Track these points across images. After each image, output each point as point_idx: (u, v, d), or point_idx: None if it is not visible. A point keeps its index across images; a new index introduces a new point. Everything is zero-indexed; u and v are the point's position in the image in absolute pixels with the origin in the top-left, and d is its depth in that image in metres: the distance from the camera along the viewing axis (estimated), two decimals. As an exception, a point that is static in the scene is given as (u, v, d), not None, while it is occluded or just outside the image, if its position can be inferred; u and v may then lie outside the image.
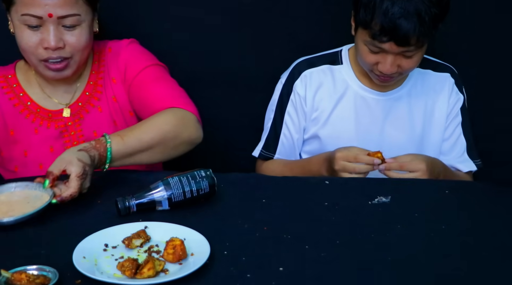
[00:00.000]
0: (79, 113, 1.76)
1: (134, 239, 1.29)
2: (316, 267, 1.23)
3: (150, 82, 1.74)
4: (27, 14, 1.58)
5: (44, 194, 1.40)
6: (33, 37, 1.61)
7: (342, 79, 1.90)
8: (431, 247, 1.31)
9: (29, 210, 1.34)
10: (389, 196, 1.51)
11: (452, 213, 1.47)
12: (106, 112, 1.78)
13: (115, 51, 1.80)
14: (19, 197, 1.42)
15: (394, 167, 1.69)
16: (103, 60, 1.80)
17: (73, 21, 1.62)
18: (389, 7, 1.64)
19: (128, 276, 1.18)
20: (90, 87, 1.78)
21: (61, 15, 1.59)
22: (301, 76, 1.91)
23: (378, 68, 1.76)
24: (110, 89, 1.79)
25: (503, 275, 1.22)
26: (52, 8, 1.58)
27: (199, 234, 1.31)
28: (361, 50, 1.77)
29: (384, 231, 1.37)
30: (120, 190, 1.56)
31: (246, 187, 1.58)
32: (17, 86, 1.75)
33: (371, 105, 1.90)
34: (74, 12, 1.61)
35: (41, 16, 1.58)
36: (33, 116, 1.74)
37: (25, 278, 1.14)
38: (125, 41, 1.82)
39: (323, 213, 1.45)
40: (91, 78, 1.78)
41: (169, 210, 1.45)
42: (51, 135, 1.75)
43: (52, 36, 1.60)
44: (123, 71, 1.77)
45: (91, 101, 1.77)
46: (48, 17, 1.58)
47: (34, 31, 1.61)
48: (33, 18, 1.58)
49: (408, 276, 1.21)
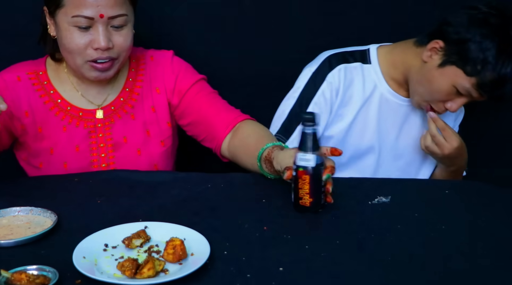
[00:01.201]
0: (111, 117, 1.77)
1: (134, 239, 1.29)
2: (316, 267, 1.23)
3: (206, 94, 1.82)
4: (78, 15, 1.60)
5: (47, 220, 1.39)
6: (83, 38, 1.62)
7: (371, 79, 1.90)
8: (431, 247, 1.31)
9: (28, 235, 1.32)
10: (389, 196, 1.51)
11: (452, 213, 1.47)
12: (139, 121, 1.79)
13: (159, 61, 1.82)
14: (21, 221, 1.40)
15: (440, 124, 1.77)
16: (142, 69, 1.81)
17: (121, 21, 1.64)
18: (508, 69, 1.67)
19: (128, 276, 1.18)
20: (125, 93, 1.79)
21: (112, 15, 1.61)
22: (336, 68, 1.88)
23: (446, 106, 1.79)
24: (150, 98, 1.80)
25: (503, 275, 1.22)
26: (104, 8, 1.60)
27: (199, 234, 1.31)
28: (442, 85, 1.76)
29: (384, 231, 1.37)
30: (121, 190, 1.56)
31: (246, 187, 1.58)
32: (47, 83, 1.75)
33: (394, 109, 1.91)
34: (123, 12, 1.63)
35: (92, 17, 1.60)
36: (62, 114, 1.75)
37: (25, 278, 1.14)
38: (168, 52, 1.84)
39: (323, 213, 1.45)
40: (127, 84, 1.80)
41: (169, 210, 1.45)
42: (79, 135, 1.75)
43: (102, 36, 1.61)
44: (172, 82, 1.80)
45: (124, 107, 1.78)
46: (99, 17, 1.60)
47: (83, 32, 1.62)
48: (84, 19, 1.60)
49: (408, 276, 1.21)
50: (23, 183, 1.63)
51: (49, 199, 1.49)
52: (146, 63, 1.82)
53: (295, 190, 1.43)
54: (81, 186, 1.58)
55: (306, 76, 1.91)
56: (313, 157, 1.40)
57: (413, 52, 1.84)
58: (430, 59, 1.78)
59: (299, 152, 1.41)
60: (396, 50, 1.91)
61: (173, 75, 1.80)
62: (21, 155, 1.80)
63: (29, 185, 1.61)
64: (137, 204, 1.49)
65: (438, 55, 1.76)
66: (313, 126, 1.40)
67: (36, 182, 1.63)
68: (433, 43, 1.77)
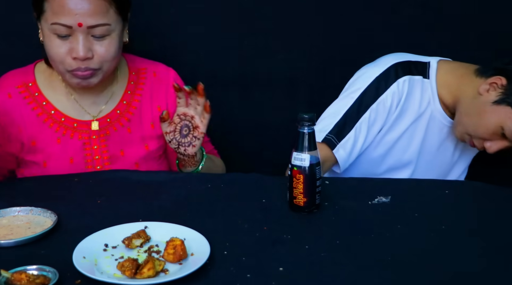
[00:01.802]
0: (106, 129, 1.73)
1: (134, 239, 1.29)
2: (316, 267, 1.23)
3: None
4: (56, 23, 1.55)
5: (47, 220, 1.39)
6: (62, 46, 1.58)
7: (427, 96, 1.87)
8: (431, 247, 1.31)
9: (28, 235, 1.32)
10: (389, 196, 1.51)
11: (452, 213, 1.47)
12: (136, 135, 1.76)
13: (162, 78, 1.79)
14: (21, 221, 1.40)
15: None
16: (142, 83, 1.78)
17: (103, 31, 1.58)
18: None
19: (128, 276, 1.18)
20: (122, 106, 1.75)
21: (91, 24, 1.56)
22: (401, 78, 1.83)
23: (485, 144, 1.77)
24: (149, 114, 1.77)
25: (503, 275, 1.22)
26: (82, 17, 1.55)
27: (199, 234, 1.31)
28: (490, 123, 1.74)
29: (384, 231, 1.37)
30: (121, 190, 1.56)
31: (246, 187, 1.58)
32: (39, 94, 1.71)
33: (439, 128, 1.90)
34: (104, 22, 1.57)
35: (70, 25, 1.55)
36: (57, 126, 1.70)
37: (25, 278, 1.14)
38: (170, 70, 1.81)
39: (323, 213, 1.45)
40: (125, 97, 1.76)
41: (169, 210, 1.45)
42: (73, 146, 1.71)
43: (81, 46, 1.56)
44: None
45: (120, 120, 1.75)
46: (78, 26, 1.55)
47: (63, 40, 1.57)
48: (63, 27, 1.55)
49: (408, 276, 1.21)
50: (23, 183, 1.63)
51: (49, 199, 1.49)
52: (147, 78, 1.78)
53: (290, 189, 1.43)
54: (81, 186, 1.58)
55: (368, 79, 1.85)
56: (308, 157, 1.40)
57: (471, 80, 1.79)
58: (487, 93, 1.73)
59: (294, 151, 1.41)
60: (455, 72, 1.85)
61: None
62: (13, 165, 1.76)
63: (29, 185, 1.61)
64: (137, 204, 1.49)
65: (496, 92, 1.72)
66: (310, 126, 1.40)
67: (36, 182, 1.63)
68: (496, 79, 1.72)
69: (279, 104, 2.19)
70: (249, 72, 2.17)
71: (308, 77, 2.18)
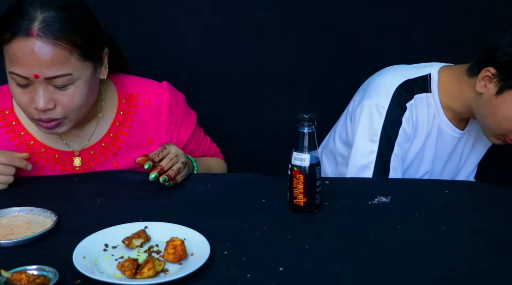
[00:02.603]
0: (90, 161, 1.64)
1: (134, 239, 1.29)
2: (316, 267, 1.23)
3: (198, 145, 1.80)
4: (13, 73, 1.44)
5: (48, 220, 1.38)
6: (23, 95, 1.46)
7: (433, 111, 1.82)
8: (431, 247, 1.31)
9: (28, 235, 1.32)
10: (389, 196, 1.51)
11: (452, 213, 1.47)
12: (123, 168, 1.66)
13: (155, 107, 1.66)
14: (21, 221, 1.39)
15: None
16: (132, 112, 1.65)
17: (64, 82, 1.44)
18: None
19: (128, 276, 1.18)
20: (108, 139, 1.64)
21: (49, 76, 1.42)
22: (408, 103, 1.78)
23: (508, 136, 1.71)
24: (139, 148, 1.66)
25: (503, 275, 1.22)
26: (38, 68, 1.41)
27: (199, 234, 1.31)
28: (506, 113, 1.68)
29: (384, 231, 1.37)
30: (121, 190, 1.56)
31: (246, 187, 1.58)
32: (16, 123, 1.61)
33: (448, 141, 1.87)
34: (64, 72, 1.43)
35: (26, 76, 1.42)
36: (36, 157, 1.61)
37: (25, 278, 1.14)
38: (164, 93, 1.67)
39: (323, 213, 1.45)
40: (112, 129, 1.64)
41: (169, 210, 1.45)
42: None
43: (40, 97, 1.44)
44: (170, 135, 1.69)
45: (106, 154, 1.64)
46: (34, 78, 1.42)
47: (23, 89, 1.46)
48: (20, 77, 1.43)
49: (408, 276, 1.21)
50: (23, 183, 1.63)
51: (49, 199, 1.49)
52: (138, 107, 1.65)
53: (290, 189, 1.43)
54: (81, 186, 1.58)
55: (381, 116, 1.77)
56: (308, 157, 1.40)
57: (467, 83, 1.75)
58: (485, 89, 1.69)
59: (294, 151, 1.41)
60: (454, 79, 1.80)
61: (171, 127, 1.69)
62: None
63: (29, 185, 1.61)
64: (137, 204, 1.49)
65: (492, 83, 1.67)
66: (310, 126, 1.40)
67: (36, 182, 1.62)
68: (484, 72, 1.68)
69: (279, 104, 2.19)
70: (249, 72, 2.17)
71: (308, 77, 2.18)
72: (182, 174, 1.56)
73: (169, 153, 1.54)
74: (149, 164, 1.49)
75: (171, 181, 1.51)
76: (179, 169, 1.54)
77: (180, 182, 1.56)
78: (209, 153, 1.86)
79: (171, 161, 1.52)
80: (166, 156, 1.53)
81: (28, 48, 1.41)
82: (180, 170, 1.54)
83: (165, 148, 1.54)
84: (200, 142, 1.82)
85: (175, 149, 1.56)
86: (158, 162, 1.51)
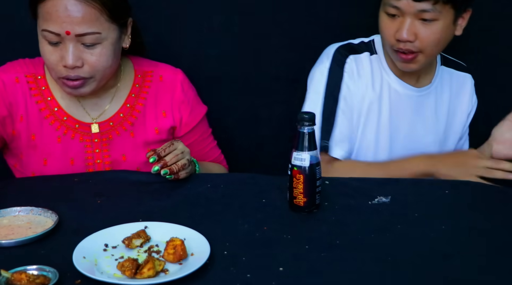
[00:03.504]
0: (109, 133, 1.71)
1: (134, 239, 1.29)
2: (316, 267, 1.23)
3: (204, 139, 1.84)
4: (46, 30, 1.53)
5: (48, 220, 1.38)
6: (54, 53, 1.56)
7: (379, 70, 1.84)
8: (431, 247, 1.31)
9: (29, 235, 1.32)
10: (389, 196, 1.51)
11: (452, 213, 1.47)
12: (140, 139, 1.73)
13: (168, 83, 1.76)
14: (22, 221, 1.39)
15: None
16: (147, 86, 1.74)
17: (93, 40, 1.54)
18: None
19: (128, 276, 1.18)
20: (126, 109, 1.72)
21: (79, 33, 1.52)
22: (348, 60, 1.82)
23: (396, 36, 1.69)
24: (154, 120, 1.74)
25: (503, 275, 1.22)
26: (70, 25, 1.51)
27: (199, 234, 1.31)
28: (381, 21, 1.71)
29: (384, 231, 1.37)
30: (121, 190, 1.56)
31: (246, 187, 1.58)
32: (46, 89, 1.69)
33: (404, 101, 1.85)
34: (93, 30, 1.53)
35: (58, 33, 1.52)
36: (58, 124, 1.68)
37: (25, 278, 1.14)
38: (178, 74, 1.77)
39: (323, 213, 1.45)
40: (129, 100, 1.73)
41: (169, 210, 1.45)
42: (74, 148, 1.69)
43: (70, 54, 1.54)
44: (182, 113, 1.75)
45: (123, 124, 1.72)
46: (66, 34, 1.52)
47: (54, 47, 1.55)
48: (52, 34, 1.53)
49: (408, 276, 1.21)
50: (24, 183, 1.63)
51: (50, 199, 1.49)
52: (153, 82, 1.75)
53: (290, 189, 1.43)
54: (81, 186, 1.58)
55: (323, 75, 1.83)
56: (308, 157, 1.40)
57: None
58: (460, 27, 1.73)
59: (294, 151, 1.41)
60: None
61: (184, 106, 1.76)
62: (12, 162, 1.75)
63: (29, 184, 1.61)
64: (137, 204, 1.49)
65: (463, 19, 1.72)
66: (310, 126, 1.40)
67: (36, 182, 1.63)
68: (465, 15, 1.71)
69: (279, 104, 2.19)
70: (249, 72, 2.17)
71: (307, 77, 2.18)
72: (186, 171, 1.58)
73: (175, 149, 1.57)
74: (154, 158, 1.53)
75: (172, 175, 1.54)
76: (184, 165, 1.56)
77: (182, 178, 1.57)
78: (212, 155, 1.87)
79: (176, 157, 1.55)
80: (172, 151, 1.56)
81: (62, 6, 1.51)
82: (184, 166, 1.56)
83: (172, 143, 1.57)
84: (205, 137, 1.84)
85: (182, 146, 1.59)
86: (163, 156, 1.54)
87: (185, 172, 1.58)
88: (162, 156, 1.54)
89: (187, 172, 1.59)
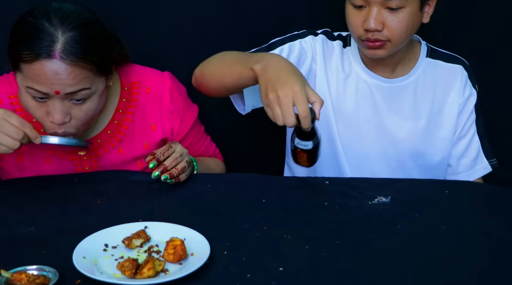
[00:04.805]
0: (97, 150, 1.66)
1: (134, 239, 1.29)
2: (316, 267, 1.23)
3: (198, 140, 1.81)
4: (32, 88, 1.45)
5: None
6: (39, 109, 1.49)
7: (348, 60, 1.81)
8: (431, 247, 1.31)
9: None
10: (389, 196, 1.51)
11: (452, 213, 1.47)
12: (128, 156, 1.68)
13: (157, 94, 1.69)
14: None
15: None
16: (134, 99, 1.68)
17: (83, 96, 1.48)
18: None
19: (128, 276, 1.18)
20: (113, 126, 1.67)
21: (69, 91, 1.46)
22: (318, 37, 1.80)
23: (364, 26, 1.66)
24: (143, 135, 1.69)
25: (503, 275, 1.22)
26: (59, 86, 1.44)
27: (199, 234, 1.31)
28: (347, 13, 1.69)
29: (384, 231, 1.37)
30: (121, 190, 1.56)
31: (246, 187, 1.58)
32: None
33: (374, 92, 1.80)
34: (83, 87, 1.47)
35: (47, 93, 1.45)
36: (45, 145, 1.56)
37: (25, 278, 1.14)
38: (166, 81, 1.70)
39: (323, 213, 1.45)
40: (116, 116, 1.67)
41: (169, 210, 1.45)
42: (64, 167, 1.65)
43: (58, 112, 1.47)
44: (172, 123, 1.71)
45: (111, 141, 1.67)
46: (55, 94, 1.45)
47: (40, 103, 1.48)
48: (38, 92, 1.46)
49: (408, 276, 1.21)
50: (24, 183, 1.63)
51: (49, 199, 1.49)
52: (140, 94, 1.68)
53: (294, 156, 1.48)
54: (81, 186, 1.58)
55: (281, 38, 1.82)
56: (310, 143, 1.43)
57: None
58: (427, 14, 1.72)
59: (296, 137, 1.44)
60: None
61: (174, 116, 1.71)
62: (2, 176, 1.70)
63: (29, 185, 1.61)
64: (137, 204, 1.49)
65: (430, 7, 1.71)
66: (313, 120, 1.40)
67: (36, 182, 1.63)
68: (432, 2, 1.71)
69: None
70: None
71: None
72: (186, 173, 1.58)
73: (174, 152, 1.56)
74: (153, 163, 1.53)
75: (173, 179, 1.54)
76: (184, 168, 1.56)
77: (183, 180, 1.57)
78: (208, 151, 1.86)
79: (175, 160, 1.55)
80: (171, 154, 1.56)
81: (51, 70, 1.43)
82: (184, 168, 1.56)
83: (170, 146, 1.57)
84: (199, 137, 1.82)
85: (180, 148, 1.59)
86: (163, 160, 1.54)
87: (185, 174, 1.57)
88: (161, 160, 1.54)
89: (187, 174, 1.58)
